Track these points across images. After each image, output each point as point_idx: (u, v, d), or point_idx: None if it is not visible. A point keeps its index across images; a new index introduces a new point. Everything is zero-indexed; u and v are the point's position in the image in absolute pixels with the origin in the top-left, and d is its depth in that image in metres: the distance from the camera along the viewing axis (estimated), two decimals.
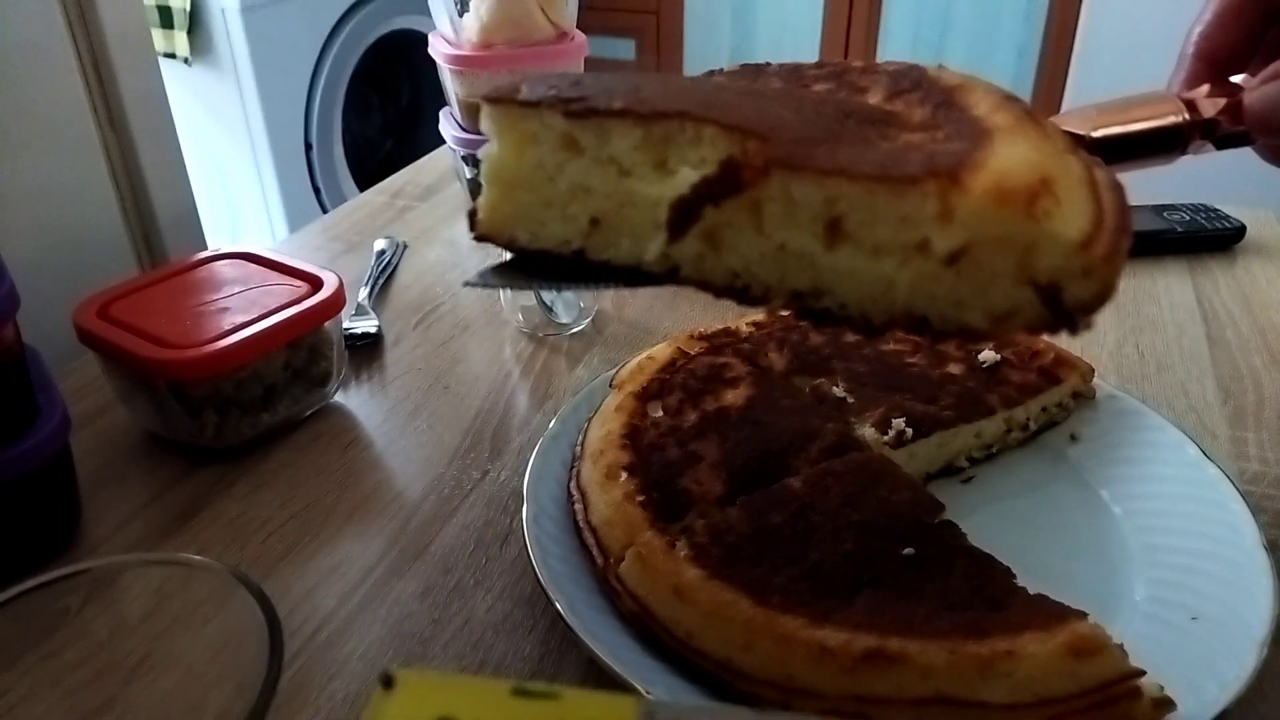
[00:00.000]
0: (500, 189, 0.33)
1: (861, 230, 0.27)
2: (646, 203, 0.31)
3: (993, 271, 0.26)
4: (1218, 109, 0.35)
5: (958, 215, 0.25)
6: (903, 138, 0.29)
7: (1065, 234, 0.24)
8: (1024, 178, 0.25)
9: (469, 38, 0.77)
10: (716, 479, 0.41)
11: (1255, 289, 0.68)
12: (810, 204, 0.27)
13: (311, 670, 0.38)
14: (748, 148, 0.28)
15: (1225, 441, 0.51)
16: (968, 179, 0.25)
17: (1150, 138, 0.35)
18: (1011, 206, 0.24)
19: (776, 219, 0.28)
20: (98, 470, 0.49)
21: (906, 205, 0.26)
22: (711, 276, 0.30)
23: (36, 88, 0.62)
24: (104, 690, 0.32)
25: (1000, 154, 0.26)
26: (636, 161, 0.30)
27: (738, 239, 0.29)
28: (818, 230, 0.28)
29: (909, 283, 0.27)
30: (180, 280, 0.54)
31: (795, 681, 0.33)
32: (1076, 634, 0.33)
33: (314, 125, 1.85)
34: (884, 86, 0.33)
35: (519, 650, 0.39)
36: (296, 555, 0.44)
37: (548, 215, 0.33)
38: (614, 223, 0.32)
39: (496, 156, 0.33)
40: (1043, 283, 0.25)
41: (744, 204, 0.29)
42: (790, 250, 0.29)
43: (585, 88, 0.31)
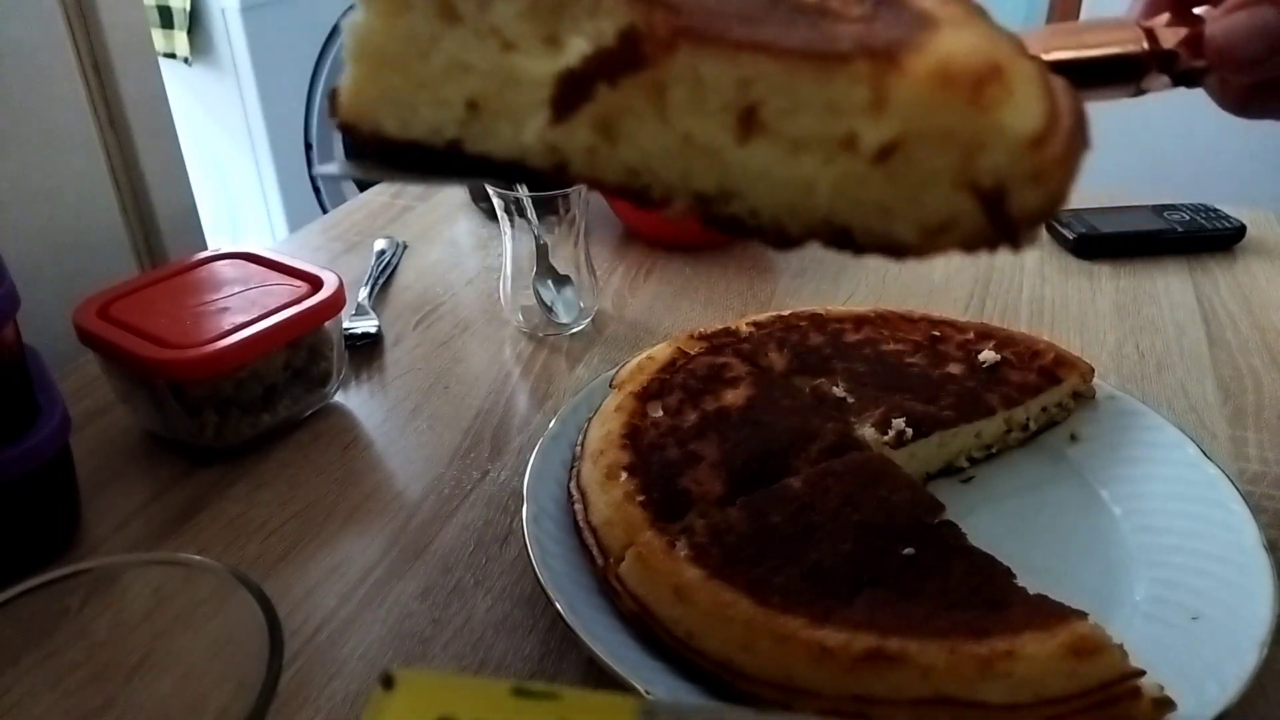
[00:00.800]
0: (367, 66, 0.29)
1: (780, 120, 0.24)
2: (532, 82, 0.27)
3: (928, 171, 0.23)
4: (1178, 39, 0.32)
5: (892, 102, 0.22)
6: (838, 28, 0.25)
7: (1015, 127, 0.21)
8: (971, 61, 0.22)
9: None
10: (716, 479, 0.41)
11: (1255, 289, 0.68)
12: (721, 86, 0.24)
13: (312, 670, 0.38)
14: (653, 17, 0.24)
15: (1225, 441, 0.51)
16: (906, 60, 0.22)
17: (1105, 64, 0.32)
18: (955, 92, 0.21)
19: (682, 104, 0.25)
20: (98, 470, 0.49)
21: (833, 90, 0.23)
22: (605, 173, 0.26)
23: (37, 88, 0.62)
24: (104, 690, 0.32)
25: (946, 37, 0.22)
26: (523, 33, 0.26)
27: (636, 128, 0.25)
28: (729, 120, 0.24)
29: (831, 185, 0.24)
30: (180, 280, 0.54)
31: (795, 681, 0.33)
32: (1076, 634, 0.33)
33: (314, 125, 1.85)
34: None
35: (519, 650, 0.39)
36: (296, 555, 0.44)
37: (420, 98, 0.29)
38: (494, 107, 0.28)
39: (363, 25, 0.29)
40: (985, 186, 0.22)
41: (644, 85, 0.25)
42: (697, 143, 0.25)
43: None
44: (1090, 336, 0.62)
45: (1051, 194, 0.22)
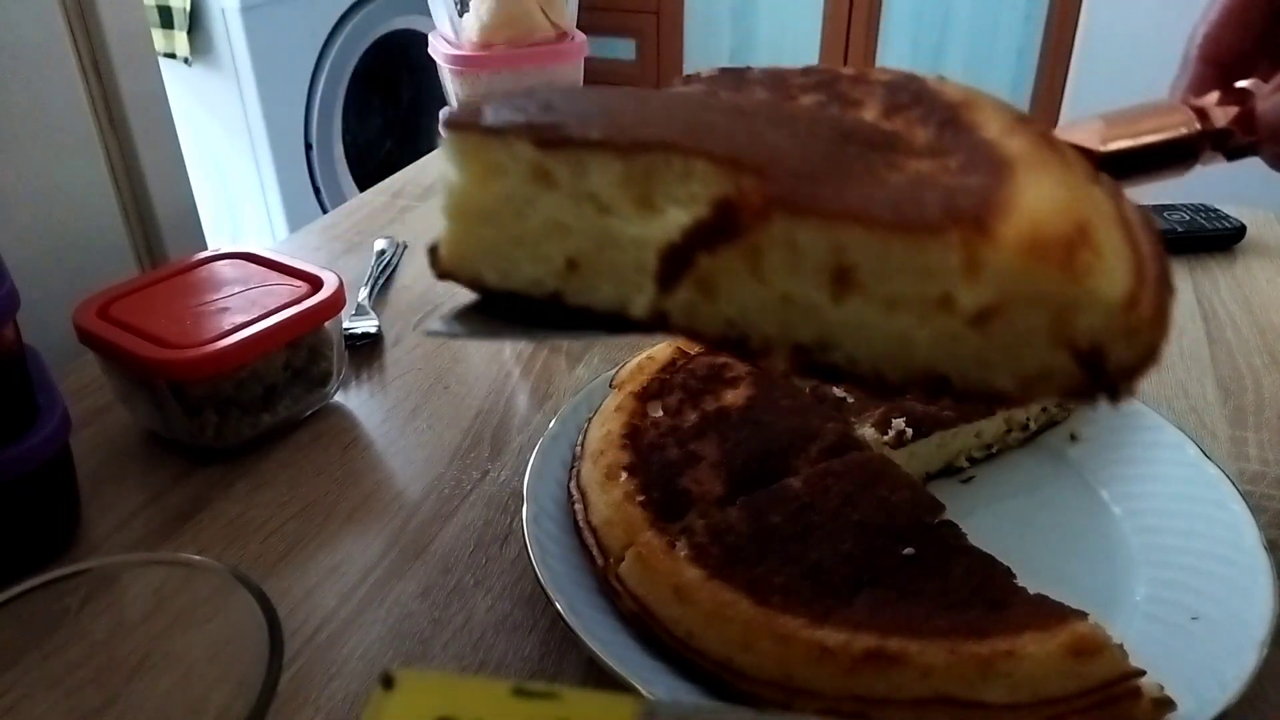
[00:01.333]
0: (463, 223, 0.30)
1: (875, 281, 0.24)
2: (630, 244, 0.27)
3: (1024, 331, 0.23)
4: (1230, 118, 0.32)
5: (986, 270, 0.22)
6: (911, 166, 0.25)
7: (1108, 293, 0.22)
8: (1059, 225, 0.22)
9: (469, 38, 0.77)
10: (716, 479, 0.41)
11: (1255, 289, 0.68)
12: (816, 251, 0.24)
13: (311, 670, 0.38)
14: (743, 185, 0.24)
15: (1225, 441, 0.51)
16: (995, 226, 0.22)
17: (1163, 150, 0.32)
18: (1048, 262, 0.21)
19: (778, 266, 0.25)
20: (98, 470, 0.49)
21: (927, 257, 0.23)
22: (705, 327, 0.27)
23: (36, 88, 0.62)
24: (104, 690, 0.32)
25: (1027, 193, 0.23)
26: (617, 198, 0.27)
27: (734, 287, 0.26)
28: (824, 279, 0.25)
29: (928, 340, 0.24)
30: (180, 280, 0.54)
31: (795, 681, 0.33)
32: (1076, 634, 0.33)
33: (314, 125, 1.85)
34: (880, 100, 0.30)
35: (519, 650, 0.39)
36: (296, 555, 0.44)
37: (518, 253, 0.29)
38: (594, 265, 0.28)
39: (459, 188, 0.29)
40: (1082, 346, 0.23)
41: (741, 249, 0.25)
42: (793, 301, 0.25)
43: (557, 111, 0.28)
44: None
45: (1147, 349, 0.22)
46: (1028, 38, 2.10)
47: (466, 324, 0.31)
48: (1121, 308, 0.22)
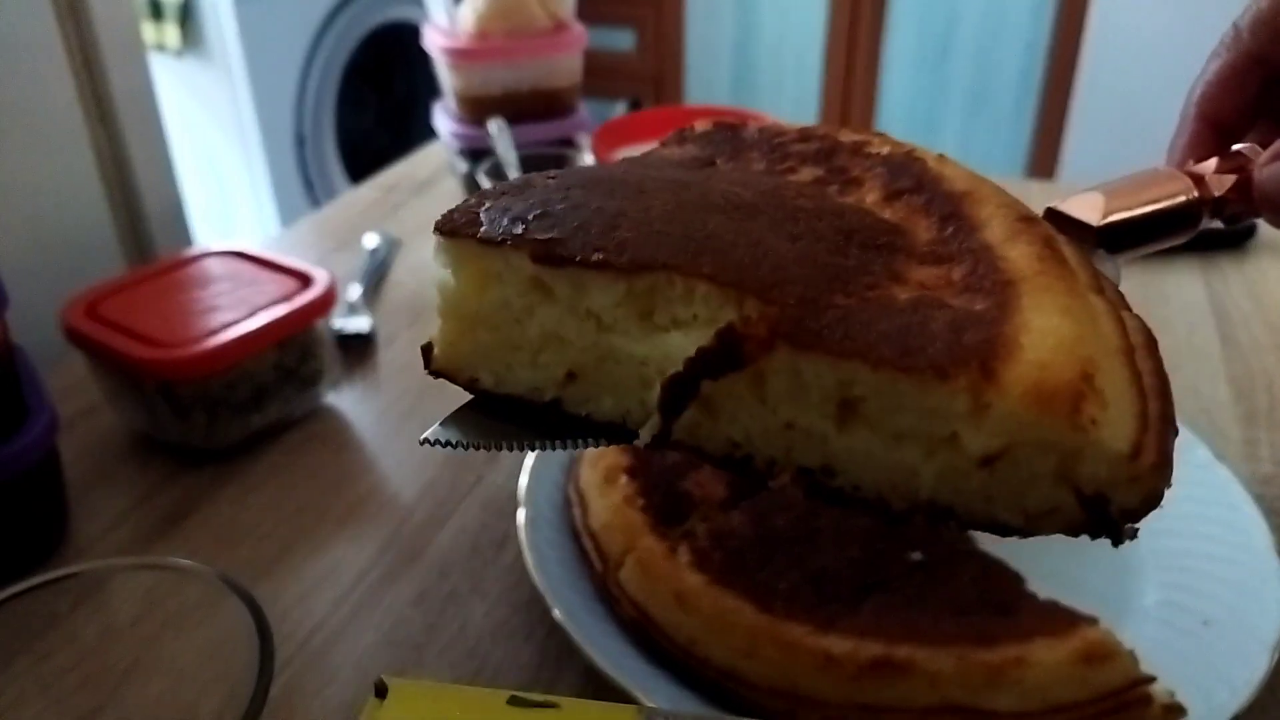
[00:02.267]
0: (459, 325, 0.30)
1: (881, 416, 0.24)
2: (631, 360, 0.27)
3: (1030, 474, 0.23)
4: (1226, 187, 0.32)
5: (992, 416, 0.23)
6: (914, 274, 0.26)
7: (1113, 446, 0.22)
8: (1065, 373, 0.22)
9: (464, 29, 0.77)
10: (718, 482, 0.40)
11: (1267, 288, 0.67)
12: (822, 384, 0.24)
13: (303, 678, 0.37)
14: (747, 313, 0.24)
15: (1237, 443, 0.50)
16: (1002, 371, 0.22)
17: (1162, 219, 0.32)
18: (1055, 414, 0.22)
19: (782, 394, 0.25)
20: (86, 472, 0.49)
21: (934, 399, 0.23)
22: (708, 446, 0.27)
23: (25, 81, 0.61)
24: (94, 695, 0.32)
25: (1033, 329, 0.23)
26: (619, 317, 0.27)
27: (738, 409, 0.26)
28: (829, 409, 0.25)
29: (934, 474, 0.24)
30: (169, 278, 0.53)
31: (800, 690, 0.33)
32: (1087, 640, 0.32)
33: (306, 118, 1.84)
34: (881, 182, 0.30)
35: (516, 658, 0.38)
36: (288, 560, 0.43)
37: (516, 359, 0.29)
38: (594, 378, 0.28)
39: (454, 291, 0.29)
40: (1086, 491, 0.23)
41: (745, 376, 0.25)
42: (798, 427, 0.26)
43: (555, 218, 0.27)
44: None
45: (1149, 493, 0.23)
46: (1036, 33, 2.09)
47: (462, 430, 0.30)
48: (1126, 459, 0.22)
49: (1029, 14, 2.09)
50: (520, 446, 0.30)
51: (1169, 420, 0.23)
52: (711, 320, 0.25)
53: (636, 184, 0.29)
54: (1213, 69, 0.36)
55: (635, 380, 0.27)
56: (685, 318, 0.26)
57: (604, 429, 0.29)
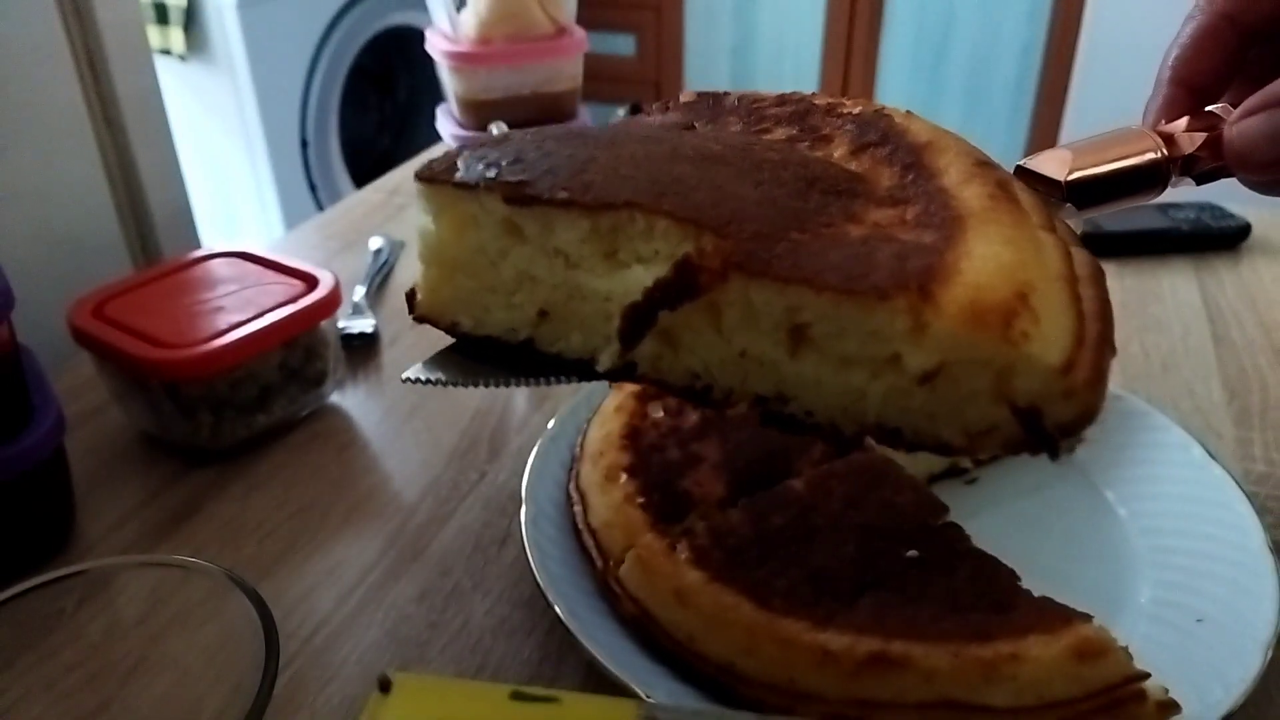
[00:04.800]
0: (439, 270, 0.31)
1: (828, 341, 0.25)
2: (597, 296, 0.29)
3: (968, 390, 0.24)
4: (1196, 145, 0.33)
5: (930, 334, 0.23)
6: (870, 215, 0.27)
7: (1044, 359, 0.23)
8: (1000, 292, 0.23)
9: (467, 34, 0.77)
10: (718, 480, 0.41)
11: (1261, 288, 0.68)
12: (772, 311, 0.26)
13: (308, 674, 0.37)
14: (703, 246, 0.26)
15: (1231, 442, 0.51)
16: (939, 293, 0.23)
17: (1128, 176, 0.32)
18: (986, 329, 0.23)
19: (736, 323, 0.27)
20: (93, 471, 0.49)
21: (875, 320, 0.24)
22: (669, 376, 0.29)
23: (32, 85, 0.61)
24: (99, 692, 0.32)
25: (974, 255, 0.24)
26: (584, 254, 0.28)
27: (696, 340, 0.28)
28: (781, 336, 0.26)
29: (879, 396, 0.26)
30: (175, 279, 0.53)
31: (797, 685, 0.33)
32: (1081, 636, 0.32)
33: (310, 122, 1.85)
34: (849, 138, 0.31)
35: (518, 654, 0.38)
36: (292, 557, 0.44)
37: (492, 301, 0.31)
38: (564, 315, 0.30)
39: (434, 237, 0.31)
40: (1021, 405, 0.24)
41: (701, 307, 0.27)
42: (752, 355, 0.27)
43: (528, 164, 0.29)
44: None
45: (1083, 409, 0.23)
46: (1031, 35, 2.10)
47: (443, 369, 0.32)
48: (1057, 372, 0.23)
49: (1025, 17, 2.09)
50: (495, 383, 0.32)
51: (1107, 341, 0.24)
52: (671, 256, 0.26)
53: (610, 138, 0.31)
54: (1187, 31, 0.36)
55: (601, 316, 0.29)
56: (647, 253, 0.27)
57: (573, 365, 0.30)
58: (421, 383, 0.32)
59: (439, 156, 0.30)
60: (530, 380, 0.32)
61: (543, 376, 0.31)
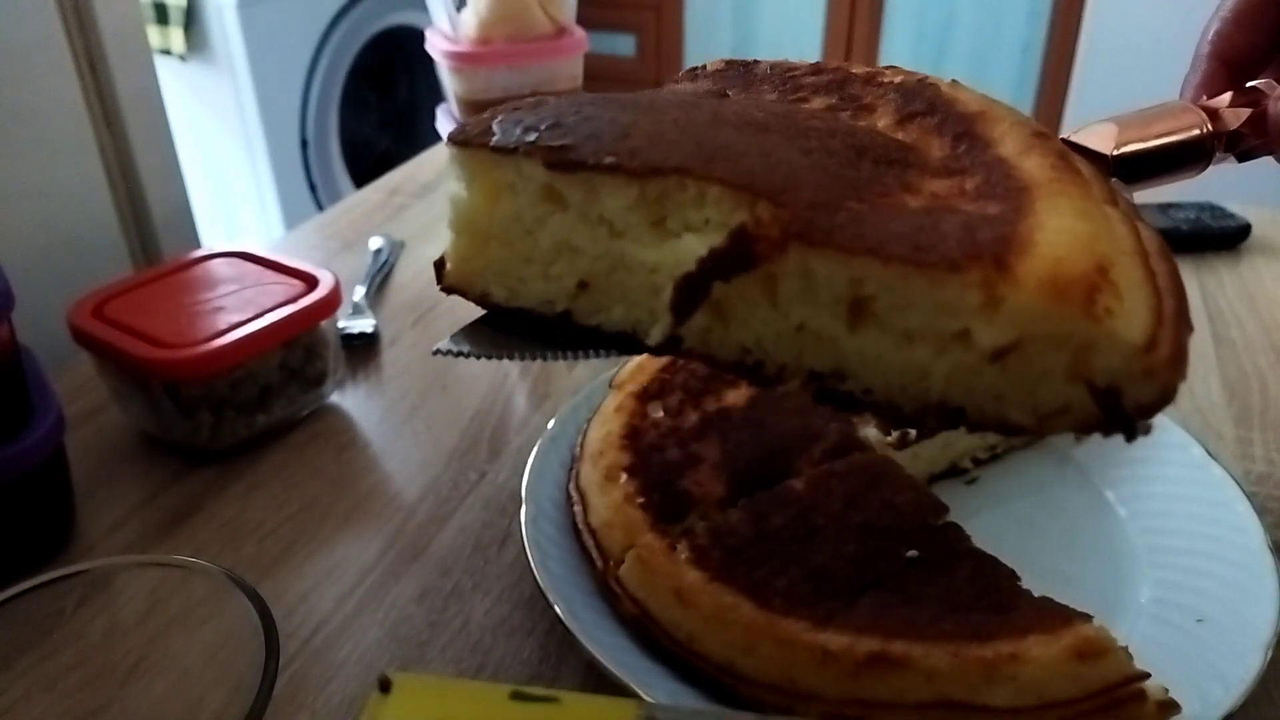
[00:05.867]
0: (471, 239, 0.29)
1: (892, 315, 0.24)
2: (643, 268, 0.27)
3: (1043, 369, 0.23)
4: (1240, 120, 0.32)
5: (1006, 308, 0.22)
6: (927, 186, 0.25)
7: (1129, 336, 0.21)
8: (1080, 265, 0.22)
9: (467, 33, 0.77)
10: (717, 480, 0.41)
11: (1260, 288, 0.68)
12: (833, 284, 0.24)
13: (308, 673, 0.37)
14: (759, 215, 0.24)
15: (1230, 442, 0.51)
16: (1016, 265, 0.21)
17: (1174, 152, 0.32)
18: (1069, 303, 0.21)
19: (794, 296, 0.25)
20: (92, 471, 0.49)
21: (945, 293, 0.23)
22: (719, 351, 0.27)
23: (32, 85, 0.61)
24: (100, 692, 0.32)
25: (1048, 228, 0.22)
26: (631, 222, 0.26)
27: (749, 314, 0.26)
28: (841, 310, 0.24)
29: (945, 373, 0.24)
30: (175, 279, 0.53)
31: (797, 685, 0.33)
32: (1081, 636, 0.32)
33: (310, 122, 1.85)
34: (893, 107, 0.29)
35: (518, 654, 0.38)
36: (292, 557, 0.44)
37: (528, 272, 0.29)
38: (606, 286, 0.28)
39: (466, 204, 0.29)
40: (1099, 384, 0.22)
41: (756, 278, 0.25)
42: (809, 329, 0.25)
43: (568, 128, 0.27)
44: None
45: (1164, 388, 0.22)
46: (1032, 33, 2.10)
47: (474, 342, 0.31)
48: (1141, 350, 0.22)
49: (1025, 16, 2.10)
50: (530, 356, 0.30)
51: (1184, 317, 0.23)
52: (723, 224, 0.25)
53: (648, 103, 0.29)
54: (1228, 5, 0.36)
55: (646, 288, 0.27)
56: (697, 222, 0.25)
57: (614, 339, 0.29)
58: (453, 354, 0.30)
59: (471, 120, 0.29)
60: (567, 354, 0.30)
61: (580, 350, 0.29)
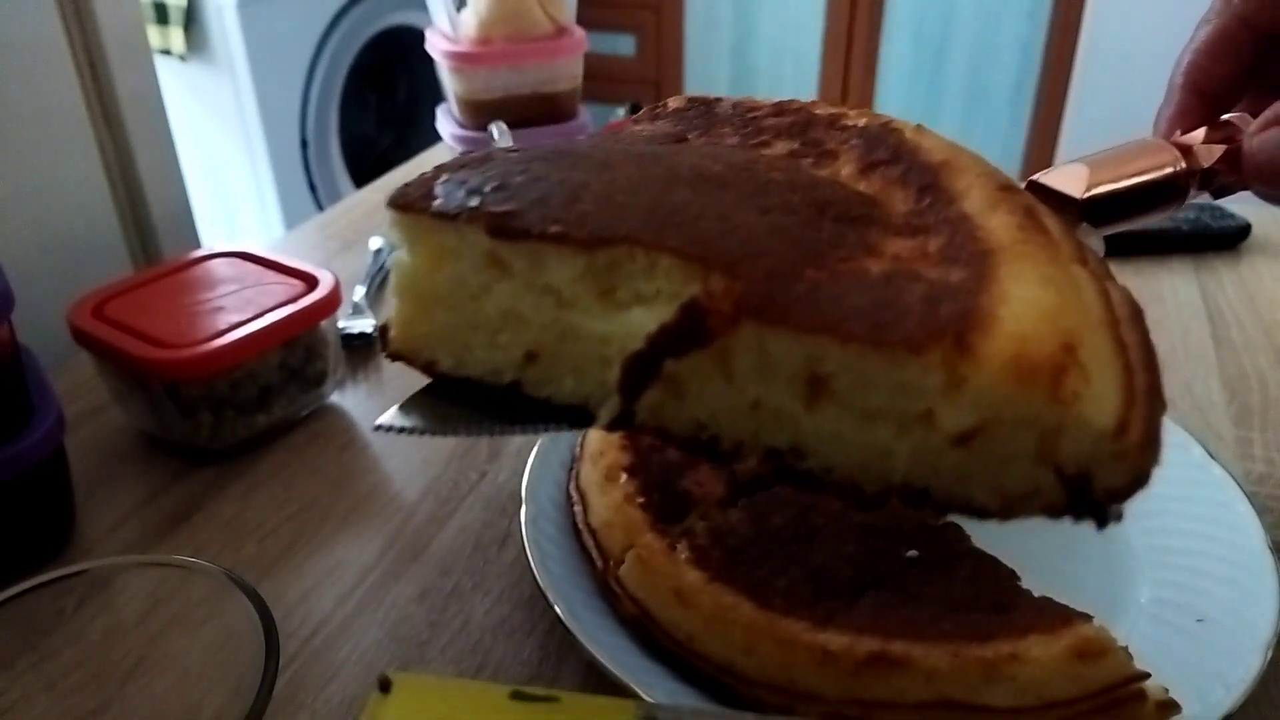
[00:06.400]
0: (416, 304, 0.28)
1: (852, 394, 0.23)
2: (591, 339, 0.26)
3: (1009, 452, 0.22)
4: (1214, 158, 0.31)
5: (969, 391, 0.21)
6: (889, 247, 0.24)
7: (1097, 421, 0.20)
8: (1045, 345, 0.20)
9: (467, 34, 0.77)
10: (717, 480, 0.41)
11: (1260, 288, 0.68)
12: (790, 361, 0.23)
13: (308, 673, 0.38)
14: (712, 288, 0.23)
15: (1230, 442, 0.51)
16: (979, 345, 0.20)
17: (1147, 191, 0.31)
18: (1034, 388, 0.20)
19: (749, 372, 0.24)
20: (93, 471, 0.49)
21: (907, 374, 0.21)
22: (673, 426, 0.25)
23: (32, 84, 0.62)
24: (99, 693, 0.32)
25: (1012, 299, 0.21)
26: (579, 292, 0.25)
27: (703, 388, 0.24)
28: (798, 387, 0.23)
29: (908, 454, 0.23)
30: (175, 279, 0.53)
31: (797, 685, 0.33)
32: (1081, 636, 0.32)
33: (310, 122, 1.85)
34: (857, 154, 0.28)
35: (518, 654, 0.38)
36: (293, 557, 0.44)
37: (474, 339, 0.27)
38: (554, 357, 0.26)
39: (410, 268, 0.28)
40: (1068, 470, 0.21)
41: (710, 353, 0.24)
42: (765, 407, 0.24)
43: (513, 191, 0.25)
44: None
45: (1136, 472, 0.21)
46: (1031, 35, 2.10)
47: (419, 414, 0.29)
48: (1111, 435, 0.20)
49: (1025, 16, 2.10)
50: (478, 432, 0.29)
51: (1157, 394, 0.21)
52: (675, 295, 0.24)
53: (601, 158, 0.28)
54: (1201, 36, 0.35)
55: (596, 360, 0.26)
56: (648, 293, 0.24)
57: (565, 412, 0.27)
58: (395, 431, 0.28)
59: (414, 180, 0.27)
60: (516, 429, 0.28)
61: (530, 423, 0.28)
